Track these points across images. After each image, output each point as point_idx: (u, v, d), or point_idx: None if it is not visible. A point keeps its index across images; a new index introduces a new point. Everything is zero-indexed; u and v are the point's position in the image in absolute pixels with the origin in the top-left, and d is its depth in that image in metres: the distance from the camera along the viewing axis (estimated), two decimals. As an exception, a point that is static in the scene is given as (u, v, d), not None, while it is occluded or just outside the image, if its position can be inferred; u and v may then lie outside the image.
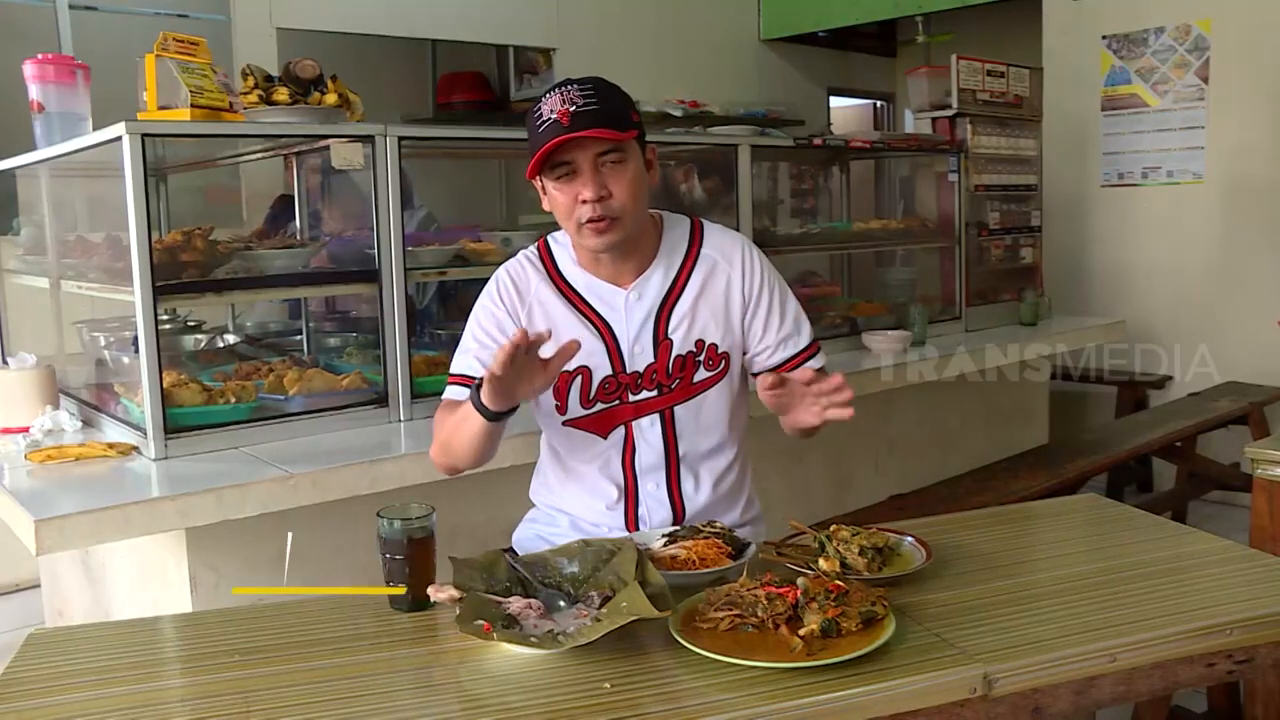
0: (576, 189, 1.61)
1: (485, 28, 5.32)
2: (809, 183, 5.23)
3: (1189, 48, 4.77)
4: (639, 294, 1.74)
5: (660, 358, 1.74)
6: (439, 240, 2.78)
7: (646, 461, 1.77)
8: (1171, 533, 1.76)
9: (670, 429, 1.77)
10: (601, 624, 1.27)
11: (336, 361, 2.82)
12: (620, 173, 1.63)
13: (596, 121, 1.58)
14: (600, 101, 1.60)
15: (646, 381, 1.74)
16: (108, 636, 1.46)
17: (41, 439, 2.37)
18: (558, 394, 1.74)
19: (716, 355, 1.77)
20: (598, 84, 1.63)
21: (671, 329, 1.74)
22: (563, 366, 1.55)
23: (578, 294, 1.75)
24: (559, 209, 1.66)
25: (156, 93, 2.31)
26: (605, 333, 1.73)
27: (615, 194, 1.62)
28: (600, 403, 1.75)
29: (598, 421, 1.76)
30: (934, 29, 6.13)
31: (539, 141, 1.60)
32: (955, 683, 1.23)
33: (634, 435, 1.76)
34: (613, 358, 1.73)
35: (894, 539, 1.59)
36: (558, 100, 1.59)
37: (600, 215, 1.61)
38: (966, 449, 3.91)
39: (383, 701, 1.19)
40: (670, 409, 1.76)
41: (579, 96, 1.59)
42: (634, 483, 1.77)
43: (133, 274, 2.15)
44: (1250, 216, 4.69)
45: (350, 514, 2.14)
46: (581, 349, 1.69)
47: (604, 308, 1.74)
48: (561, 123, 1.57)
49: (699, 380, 1.76)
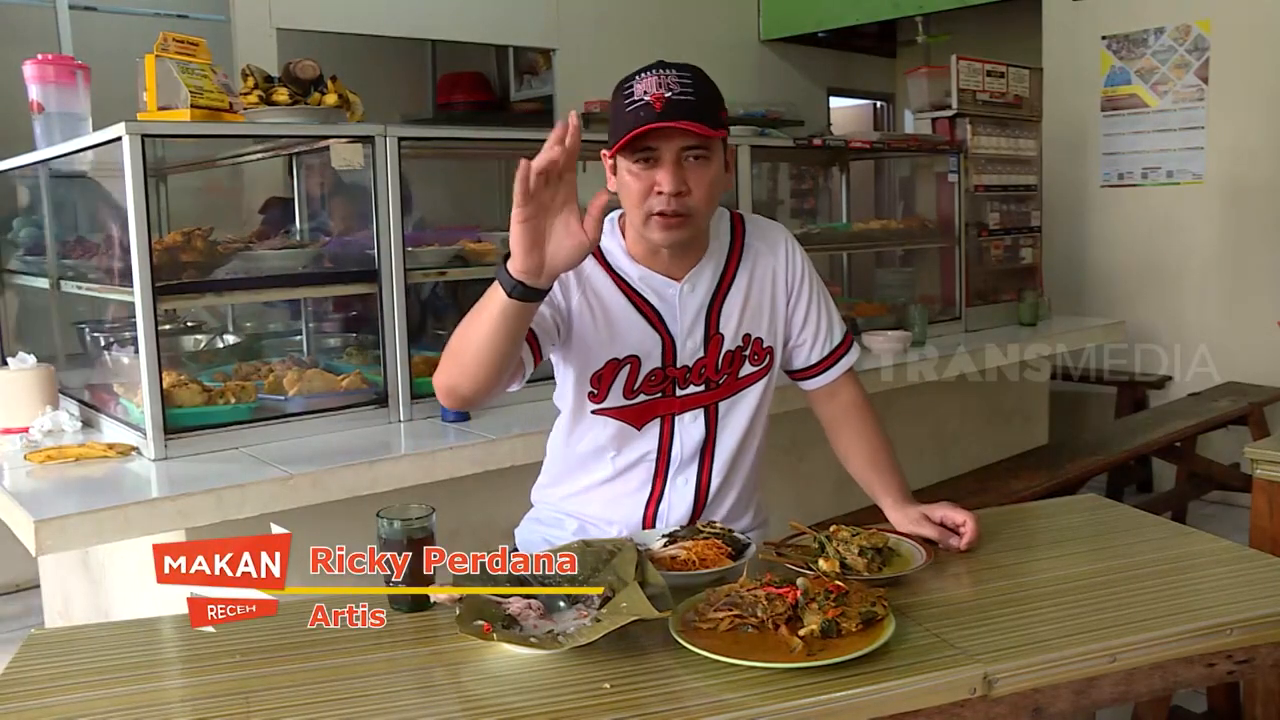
0: (654, 178, 1.55)
1: (485, 28, 5.32)
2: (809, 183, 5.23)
3: (1189, 48, 4.78)
4: (692, 286, 1.68)
5: (710, 353, 1.70)
6: (439, 240, 2.78)
7: (684, 455, 1.73)
8: (1171, 533, 1.76)
9: (713, 424, 1.73)
10: (601, 624, 1.27)
11: (336, 362, 2.82)
12: (702, 170, 1.56)
13: (690, 113, 1.51)
14: (696, 93, 1.53)
15: (695, 376, 1.70)
16: (108, 636, 1.46)
17: (41, 439, 2.37)
18: (598, 381, 1.68)
19: (762, 350, 1.74)
20: (695, 74, 1.56)
21: (723, 323, 1.70)
22: (599, 229, 1.38)
23: (629, 285, 1.68)
24: (629, 194, 1.58)
25: (156, 93, 2.31)
26: (659, 325, 1.68)
27: (694, 191, 1.56)
28: (643, 394, 1.69)
29: (635, 413, 1.70)
30: (934, 29, 6.13)
31: (627, 122, 1.52)
32: (955, 683, 1.23)
33: (674, 429, 1.72)
34: (666, 351, 1.68)
35: (894, 539, 1.59)
36: (653, 82, 1.52)
37: (674, 210, 1.55)
38: (966, 449, 3.91)
39: (383, 701, 1.19)
40: (715, 405, 1.73)
41: (676, 83, 1.52)
42: (664, 477, 1.74)
43: (133, 274, 2.15)
44: (1250, 216, 4.69)
45: (350, 514, 2.14)
46: (634, 339, 1.65)
47: (657, 300, 1.68)
48: (654, 107, 1.50)
49: (744, 376, 1.74)
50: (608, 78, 1.68)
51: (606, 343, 1.66)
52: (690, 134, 1.52)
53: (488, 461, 2.31)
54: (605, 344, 1.66)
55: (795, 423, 2.71)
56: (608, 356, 1.66)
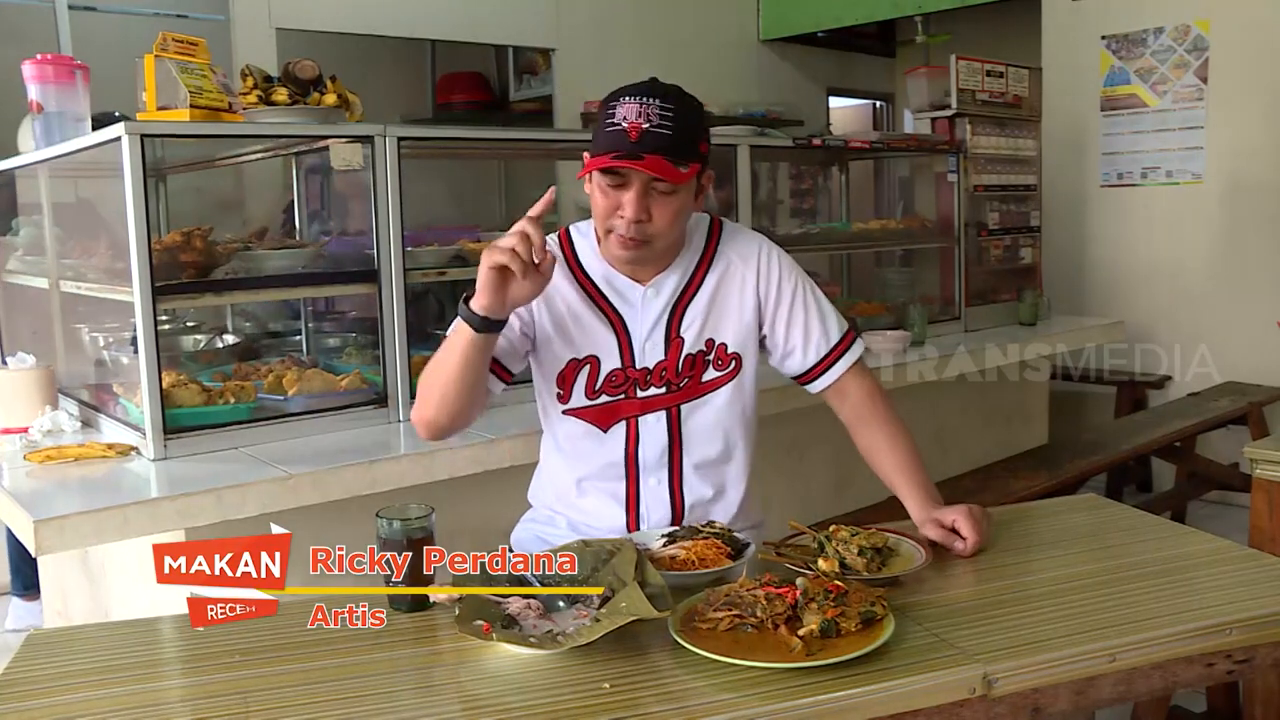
0: (619, 200, 1.60)
1: (485, 28, 5.32)
2: (808, 183, 5.24)
3: (1188, 48, 4.78)
4: (656, 290, 1.73)
5: (671, 355, 1.74)
6: (439, 240, 2.78)
7: (649, 458, 1.76)
8: (1171, 533, 1.76)
9: (676, 427, 1.76)
10: (601, 624, 1.27)
11: (336, 361, 2.82)
12: (667, 203, 1.61)
13: (664, 148, 1.55)
14: (675, 125, 1.56)
15: (655, 378, 1.74)
16: (108, 636, 1.46)
17: (41, 439, 2.37)
18: (562, 381, 1.74)
19: (726, 355, 1.76)
20: (679, 103, 1.59)
21: (684, 327, 1.74)
22: (554, 264, 1.56)
23: (594, 285, 1.74)
24: (597, 209, 1.64)
25: (156, 93, 2.31)
26: (618, 326, 1.73)
27: (656, 220, 1.61)
28: (605, 395, 1.74)
29: (600, 414, 1.75)
30: (933, 29, 6.13)
31: (602, 144, 1.58)
32: (955, 683, 1.23)
33: (638, 431, 1.76)
34: (623, 351, 1.73)
35: (893, 539, 1.59)
36: (635, 110, 1.56)
37: (633, 235, 1.61)
38: (966, 449, 3.90)
39: (383, 701, 1.19)
40: (677, 407, 1.76)
41: (657, 113, 1.55)
42: (636, 479, 1.77)
43: (132, 274, 2.15)
44: (1250, 216, 4.69)
45: (350, 514, 2.14)
46: (593, 339, 1.71)
47: (619, 301, 1.73)
48: (629, 137, 1.54)
49: (708, 380, 1.76)
50: (607, 78, 1.70)
51: (567, 343, 1.73)
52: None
53: (487, 461, 2.31)
54: (566, 344, 1.73)
55: (795, 423, 2.71)
56: (569, 356, 1.73)
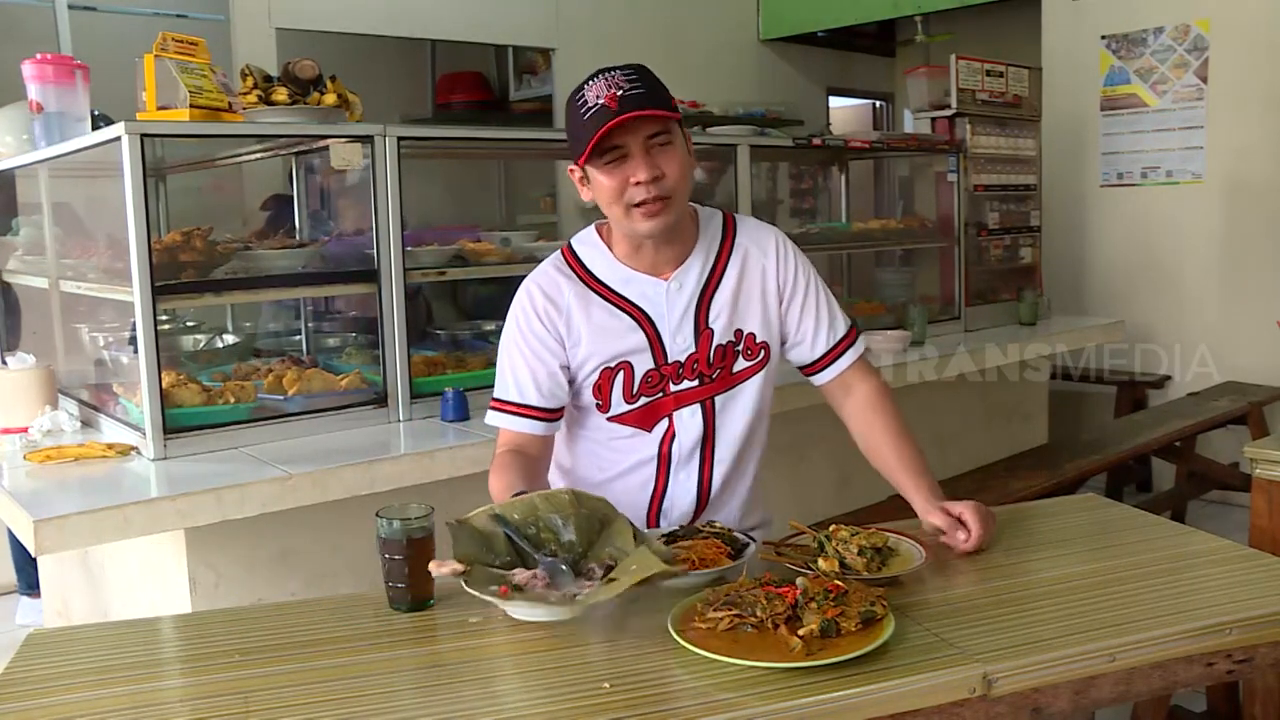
0: (628, 172, 1.60)
1: (485, 28, 5.32)
2: (808, 183, 5.24)
3: (1188, 48, 4.78)
4: (679, 284, 1.73)
5: (701, 347, 1.73)
6: (438, 240, 2.78)
7: (683, 451, 1.76)
8: (1171, 533, 1.76)
9: (710, 419, 1.76)
10: (618, 583, 1.26)
11: (336, 362, 2.82)
12: (670, 153, 1.62)
13: (646, 103, 1.57)
14: (645, 85, 1.60)
15: (688, 371, 1.73)
16: (108, 636, 1.46)
17: (40, 439, 2.37)
18: (599, 392, 1.73)
19: (755, 345, 1.77)
20: (639, 69, 1.63)
21: (712, 318, 1.74)
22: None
23: (614, 291, 1.73)
24: (606, 195, 1.63)
25: (155, 93, 2.31)
26: (646, 325, 1.72)
27: (668, 174, 1.61)
28: (644, 396, 1.73)
29: (642, 415, 1.74)
30: (933, 29, 6.14)
31: (589, 127, 1.58)
32: (955, 683, 1.23)
33: (674, 426, 1.75)
34: (655, 349, 1.72)
35: (893, 539, 1.59)
36: (603, 86, 1.58)
37: (655, 195, 1.61)
38: (966, 449, 3.90)
39: (383, 701, 1.19)
40: (711, 399, 1.75)
41: (624, 81, 1.58)
42: (667, 473, 1.77)
43: (132, 274, 2.15)
44: (1250, 216, 4.69)
45: (350, 514, 2.14)
46: (622, 344, 1.70)
47: (644, 300, 1.72)
48: (610, 107, 1.56)
49: (739, 370, 1.76)
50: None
51: (599, 355, 1.71)
52: (652, 120, 1.59)
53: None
54: (596, 356, 1.72)
55: (795, 423, 2.71)
56: (601, 367, 1.72)
